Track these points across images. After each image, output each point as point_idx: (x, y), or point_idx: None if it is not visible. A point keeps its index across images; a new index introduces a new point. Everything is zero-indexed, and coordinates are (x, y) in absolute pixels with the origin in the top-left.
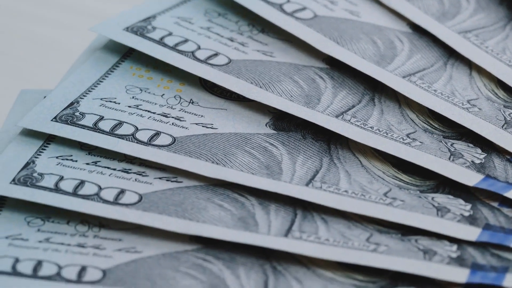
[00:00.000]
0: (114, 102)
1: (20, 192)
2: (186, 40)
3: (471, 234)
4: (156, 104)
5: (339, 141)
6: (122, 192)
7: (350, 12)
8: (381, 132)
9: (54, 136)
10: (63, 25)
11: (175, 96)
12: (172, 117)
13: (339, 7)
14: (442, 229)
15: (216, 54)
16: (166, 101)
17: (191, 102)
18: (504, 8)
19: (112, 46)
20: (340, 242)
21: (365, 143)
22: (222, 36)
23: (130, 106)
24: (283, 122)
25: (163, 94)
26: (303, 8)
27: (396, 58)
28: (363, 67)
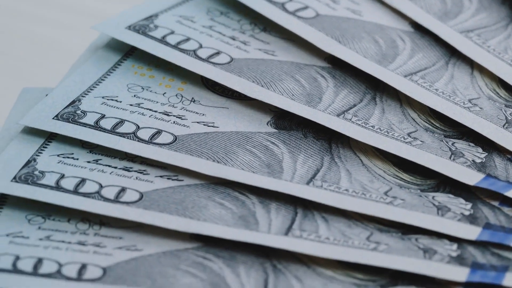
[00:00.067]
0: (116, 101)
1: (21, 190)
2: (188, 39)
3: (471, 233)
4: (157, 102)
5: (340, 140)
6: (123, 190)
7: (352, 11)
8: (382, 131)
9: (56, 134)
10: (63, 25)
11: (176, 95)
12: (174, 115)
13: (341, 6)
14: (442, 228)
15: (218, 53)
16: (167, 99)
17: (193, 100)
18: (506, 8)
19: (114, 45)
20: (341, 241)
21: (366, 142)
22: (224, 34)
23: (131, 105)
24: (285, 121)
25: (165, 93)
26: (305, 7)
27: (397, 57)
28: (365, 66)
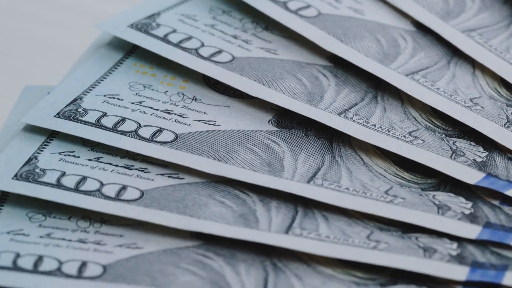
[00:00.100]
0: (118, 99)
1: (22, 187)
2: (190, 37)
3: (472, 232)
4: (159, 100)
5: (341, 138)
6: (123, 188)
7: (354, 10)
8: (383, 130)
9: (57, 132)
10: (63, 25)
11: (178, 93)
12: (175, 113)
13: (343, 5)
14: (442, 227)
15: (219, 52)
16: (169, 98)
17: (194, 99)
18: (508, 7)
19: (116, 43)
20: (341, 239)
21: (367, 140)
22: (226, 33)
23: (133, 103)
24: (286, 120)
25: (166, 91)
26: (307, 6)
27: (399, 57)
28: (366, 65)
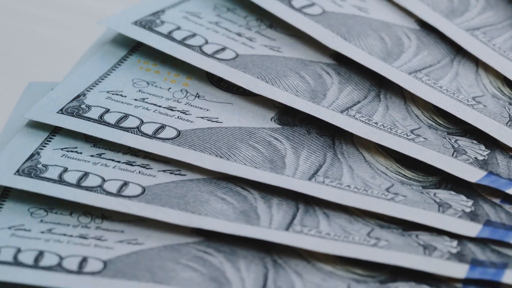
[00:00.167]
0: (121, 95)
1: (24, 183)
2: (194, 35)
3: (472, 230)
4: (162, 97)
5: (343, 136)
6: (125, 184)
7: (358, 8)
8: (385, 128)
9: (60, 128)
10: (63, 25)
11: (181, 90)
12: (178, 110)
13: (347, 3)
14: (443, 224)
15: (223, 49)
16: (172, 94)
17: (197, 96)
18: None
19: (120, 40)
20: (341, 237)
21: (369, 138)
22: (230, 31)
23: (136, 99)
24: (288, 117)
25: (170, 88)
26: (312, 4)
27: (403, 55)
28: (370, 63)
